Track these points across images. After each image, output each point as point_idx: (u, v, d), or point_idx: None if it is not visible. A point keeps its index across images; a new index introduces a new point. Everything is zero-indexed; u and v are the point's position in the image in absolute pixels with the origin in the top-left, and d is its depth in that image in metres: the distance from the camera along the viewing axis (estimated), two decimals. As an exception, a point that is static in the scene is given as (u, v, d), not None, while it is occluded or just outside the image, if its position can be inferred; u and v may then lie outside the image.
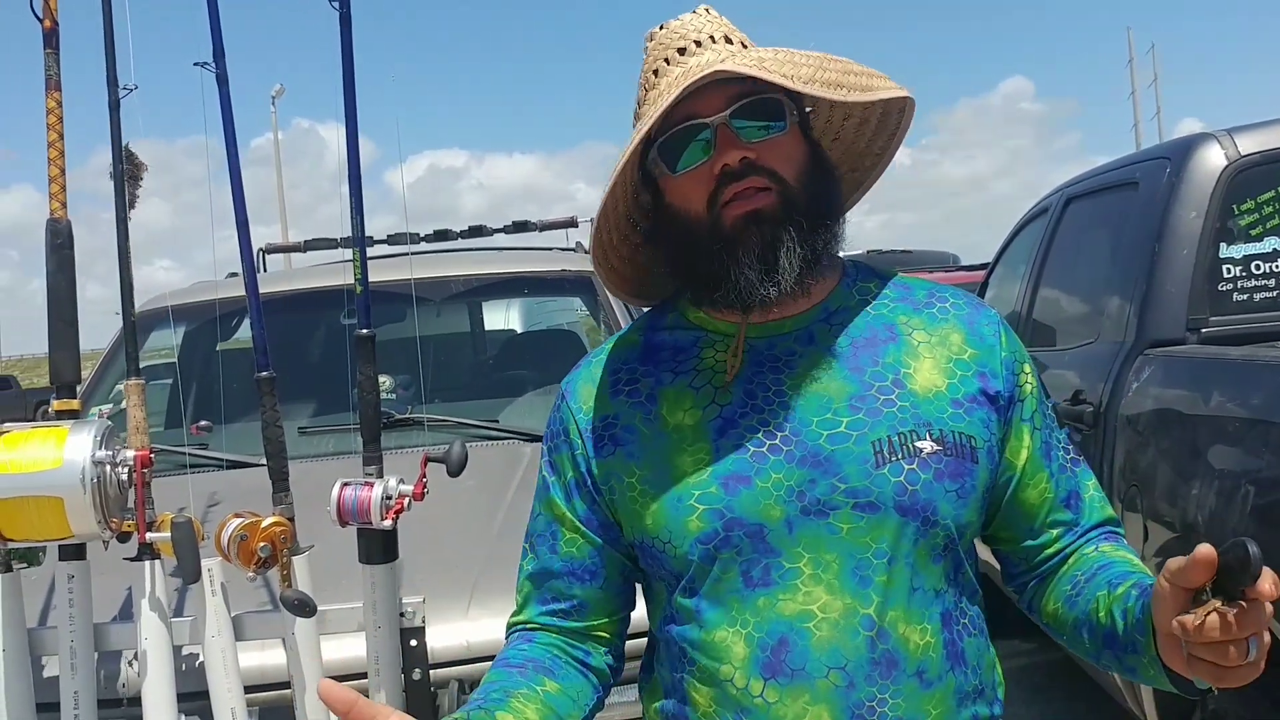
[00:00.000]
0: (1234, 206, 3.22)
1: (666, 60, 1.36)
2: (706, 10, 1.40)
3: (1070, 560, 1.42)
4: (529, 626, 1.44)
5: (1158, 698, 2.90)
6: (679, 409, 1.36)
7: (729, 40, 1.37)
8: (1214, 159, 3.26)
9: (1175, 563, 1.07)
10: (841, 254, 1.45)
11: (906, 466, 1.29)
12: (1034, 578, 1.46)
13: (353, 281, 2.08)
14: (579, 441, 1.41)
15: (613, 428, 1.39)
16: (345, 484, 1.97)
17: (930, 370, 1.35)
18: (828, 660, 1.25)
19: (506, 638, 1.46)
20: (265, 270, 4.95)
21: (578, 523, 1.41)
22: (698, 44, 1.36)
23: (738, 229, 1.31)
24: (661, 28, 1.40)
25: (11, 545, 1.96)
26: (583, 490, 1.41)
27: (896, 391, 1.33)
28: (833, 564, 1.27)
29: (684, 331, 1.43)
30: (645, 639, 1.46)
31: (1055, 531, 1.42)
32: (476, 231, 4.88)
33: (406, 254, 4.40)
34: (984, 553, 1.50)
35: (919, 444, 1.30)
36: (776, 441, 1.31)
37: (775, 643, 1.27)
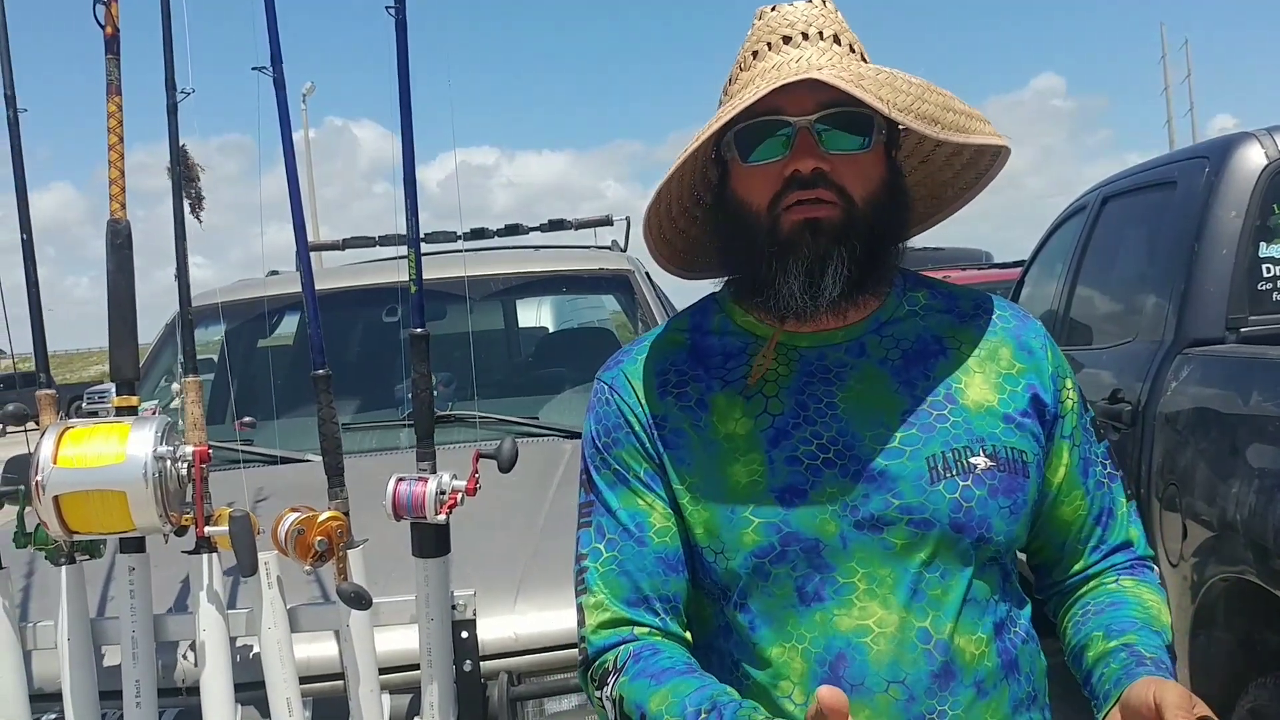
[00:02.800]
0: (1274, 206, 3.22)
1: (769, 45, 1.33)
2: (823, 2, 1.36)
3: (1092, 583, 1.42)
4: (638, 630, 1.33)
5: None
6: (730, 418, 1.34)
7: (838, 40, 1.33)
8: (1254, 158, 3.26)
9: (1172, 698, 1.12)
10: None
11: (961, 483, 1.28)
12: (1056, 592, 1.46)
13: (406, 280, 2.11)
14: (643, 434, 1.36)
15: (662, 428, 1.36)
16: (400, 479, 2.01)
17: (981, 385, 1.34)
18: (887, 674, 1.25)
19: (604, 644, 1.33)
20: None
21: (664, 512, 1.34)
22: (805, 36, 1.32)
23: (793, 235, 1.28)
24: (773, 9, 1.36)
25: (76, 537, 2.00)
26: (656, 482, 1.35)
27: (949, 406, 1.32)
28: (887, 579, 1.27)
29: (733, 337, 1.40)
30: None
31: (1084, 548, 1.42)
32: (513, 230, 4.91)
33: (446, 252, 4.45)
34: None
35: (973, 460, 1.29)
36: (830, 455, 1.29)
37: (833, 658, 1.26)
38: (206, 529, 2.03)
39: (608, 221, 5.05)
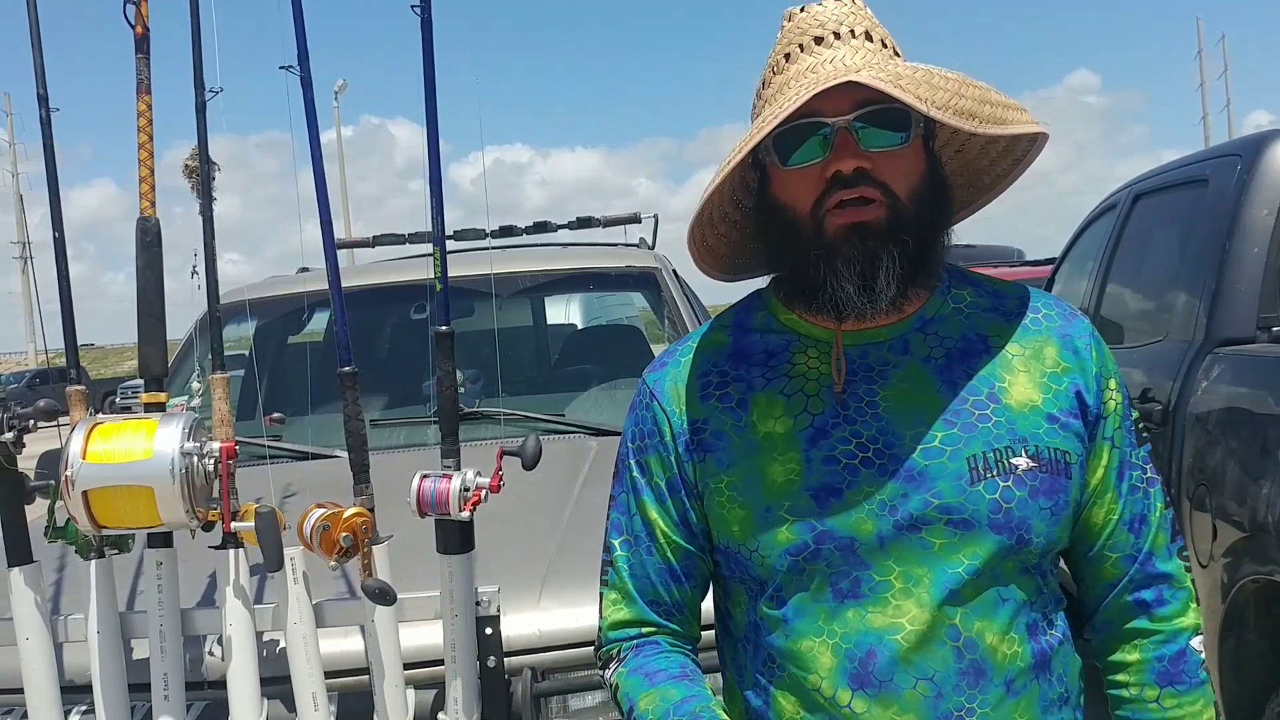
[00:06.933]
0: (1307, 204, 3.18)
1: (801, 47, 1.32)
2: (852, 0, 1.35)
3: (1132, 683, 1.40)
4: (645, 630, 1.43)
5: (1225, 699, 2.88)
6: (770, 416, 1.34)
7: (869, 37, 1.32)
8: (1287, 156, 3.23)
9: None
10: None
11: (1002, 484, 1.27)
12: (1095, 609, 1.43)
13: (431, 278, 2.12)
14: (672, 444, 1.39)
15: (702, 433, 1.38)
16: (424, 476, 2.01)
17: (1025, 384, 1.33)
18: (915, 671, 1.25)
19: (616, 637, 1.44)
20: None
21: (672, 527, 1.40)
22: (836, 35, 1.31)
23: (839, 239, 1.28)
24: (802, 9, 1.35)
25: (105, 532, 2.02)
26: (675, 494, 1.39)
27: (992, 406, 1.31)
28: (924, 578, 1.26)
29: (776, 335, 1.41)
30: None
31: (1114, 555, 1.39)
32: (541, 227, 4.93)
33: (474, 250, 4.47)
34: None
35: (1014, 460, 1.28)
36: (869, 454, 1.29)
37: (863, 654, 1.27)
38: (233, 524, 2.04)
39: (636, 219, 5.05)
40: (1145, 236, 4.22)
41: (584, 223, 4.98)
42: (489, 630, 2.12)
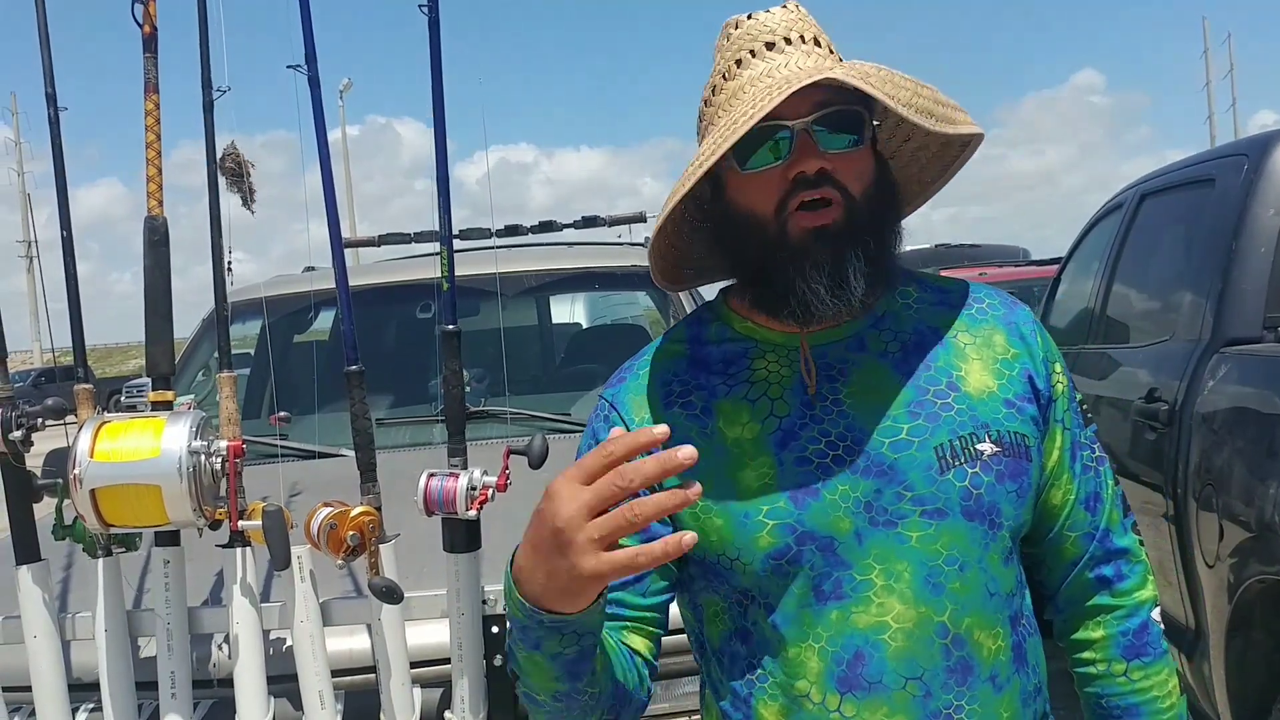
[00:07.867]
0: (1314, 204, 3.18)
1: (752, 52, 1.32)
2: (796, 7, 1.36)
3: (1098, 660, 1.43)
4: None
5: (1231, 697, 2.88)
6: (736, 423, 1.33)
7: (818, 43, 1.34)
8: (1293, 155, 3.22)
9: None
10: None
11: (970, 470, 1.29)
12: (1056, 590, 1.46)
13: (437, 277, 2.12)
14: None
15: (668, 441, 1.36)
16: (431, 475, 2.02)
17: (980, 372, 1.35)
18: (904, 671, 1.25)
19: None
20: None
21: None
22: (787, 41, 1.32)
23: (805, 243, 1.28)
24: (749, 17, 1.35)
25: (113, 530, 2.03)
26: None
27: (952, 394, 1.33)
28: (904, 574, 1.26)
29: (732, 343, 1.40)
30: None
31: (1074, 535, 1.42)
32: (546, 227, 4.92)
33: (479, 249, 4.47)
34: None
35: (979, 446, 1.30)
36: (840, 452, 1.29)
37: (851, 656, 1.26)
38: (240, 523, 2.05)
39: (640, 218, 5.05)
40: (1151, 236, 4.22)
41: (589, 222, 4.97)
42: (495, 629, 2.12)
